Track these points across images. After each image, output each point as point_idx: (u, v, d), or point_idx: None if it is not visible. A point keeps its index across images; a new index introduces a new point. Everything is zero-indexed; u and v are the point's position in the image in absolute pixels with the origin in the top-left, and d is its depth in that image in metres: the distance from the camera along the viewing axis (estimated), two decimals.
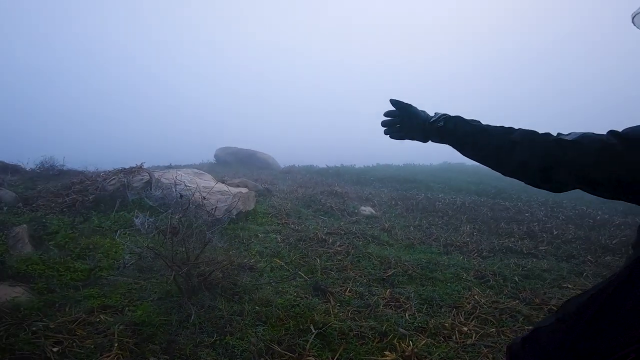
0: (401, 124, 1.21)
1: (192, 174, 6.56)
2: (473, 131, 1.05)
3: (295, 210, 6.16)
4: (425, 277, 3.60)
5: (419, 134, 1.19)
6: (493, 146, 1.00)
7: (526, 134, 0.95)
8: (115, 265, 3.49)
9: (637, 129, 0.75)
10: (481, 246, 4.93)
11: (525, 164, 0.92)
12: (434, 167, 16.16)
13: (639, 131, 0.75)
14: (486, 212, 7.03)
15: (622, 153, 0.75)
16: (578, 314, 0.79)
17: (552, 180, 0.89)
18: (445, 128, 1.11)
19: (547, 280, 3.77)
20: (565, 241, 5.52)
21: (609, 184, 0.78)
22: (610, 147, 0.77)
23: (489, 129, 1.03)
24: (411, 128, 1.20)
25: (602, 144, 0.78)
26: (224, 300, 2.79)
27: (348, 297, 3.03)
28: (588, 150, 0.80)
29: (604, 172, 0.78)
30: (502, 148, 0.98)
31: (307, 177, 10.93)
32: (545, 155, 0.88)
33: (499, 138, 0.99)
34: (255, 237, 4.54)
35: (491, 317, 2.78)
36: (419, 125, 1.18)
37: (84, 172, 7.48)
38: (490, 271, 3.83)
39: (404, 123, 1.20)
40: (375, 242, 4.79)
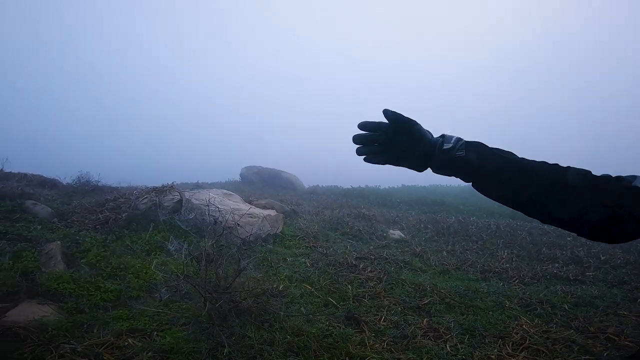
0: (388, 146, 0.91)
1: (222, 194, 6.62)
2: (506, 167, 0.84)
3: (322, 233, 6.04)
4: (464, 306, 3.37)
5: (418, 160, 0.92)
6: (540, 190, 0.81)
7: (584, 177, 0.79)
8: (145, 287, 3.48)
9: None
10: (522, 272, 4.61)
11: (585, 213, 0.77)
12: (462, 188, 15.66)
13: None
14: (524, 237, 6.64)
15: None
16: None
17: (614, 231, 0.76)
18: (464, 159, 0.85)
19: (599, 308, 3.44)
20: (614, 266, 5.09)
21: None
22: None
23: (530, 166, 0.83)
24: (405, 152, 0.91)
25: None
26: (253, 328, 2.69)
27: (383, 327, 2.85)
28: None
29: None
30: (553, 193, 0.79)
31: (332, 199, 10.83)
32: (616, 205, 0.74)
33: (548, 179, 0.80)
34: (284, 261, 4.45)
35: (543, 347, 2.52)
36: (420, 151, 0.90)
37: (118, 189, 7.72)
38: (536, 299, 3.55)
39: (396, 144, 0.91)
40: (408, 267, 4.58)
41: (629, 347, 2.59)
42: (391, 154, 0.92)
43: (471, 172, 0.87)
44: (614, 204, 0.74)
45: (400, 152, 0.92)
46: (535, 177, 0.82)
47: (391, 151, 0.92)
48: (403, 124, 0.89)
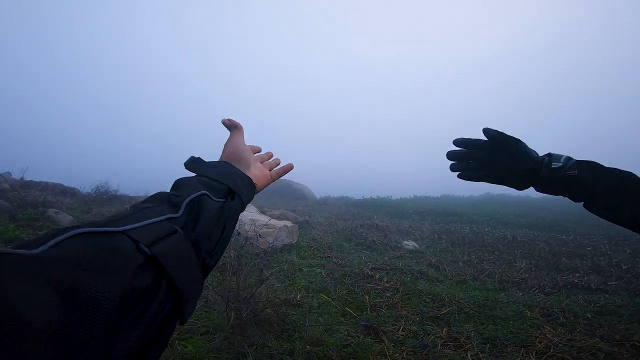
0: (487, 162, 0.90)
1: None
2: (623, 187, 0.79)
3: (336, 244, 6.05)
4: (484, 315, 3.32)
5: (521, 179, 0.89)
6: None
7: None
8: None
9: None
10: (542, 282, 4.52)
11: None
12: (475, 198, 15.51)
13: None
14: (543, 247, 6.52)
15: None
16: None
17: None
18: (577, 179, 0.82)
19: (624, 316, 3.36)
20: (636, 275, 4.96)
21: None
22: None
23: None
24: (508, 171, 0.89)
25: None
26: (273, 337, 2.71)
27: (402, 337, 2.83)
28: None
29: None
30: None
31: (344, 209, 10.82)
32: None
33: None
34: (300, 272, 4.47)
35: (568, 355, 2.47)
36: (525, 169, 0.87)
37: (136, 198, 7.87)
38: (558, 308, 3.48)
39: (497, 162, 0.89)
40: (424, 278, 4.54)
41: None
42: (489, 171, 0.91)
43: (583, 191, 0.84)
44: None
45: (500, 169, 0.90)
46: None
47: (489, 168, 0.91)
48: (506, 142, 0.87)
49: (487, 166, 0.91)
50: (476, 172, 0.92)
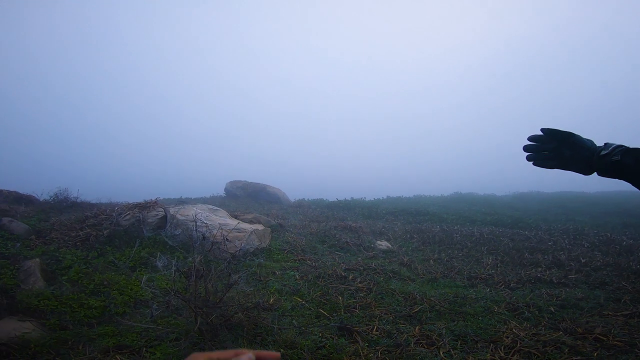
0: (555, 154, 1.08)
1: (207, 210, 6.53)
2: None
3: (310, 246, 6.02)
4: (454, 312, 3.41)
5: (582, 165, 1.06)
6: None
7: None
8: (131, 303, 3.38)
9: None
10: (508, 278, 4.71)
11: None
12: (445, 198, 15.99)
13: None
14: (507, 243, 6.80)
15: None
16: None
17: None
18: (621, 163, 0.94)
19: (585, 309, 3.54)
20: (594, 268, 5.26)
21: None
22: None
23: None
24: (570, 159, 1.06)
25: None
26: (245, 342, 2.64)
27: (376, 336, 2.85)
28: None
29: None
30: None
31: (318, 212, 10.82)
32: None
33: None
34: (273, 275, 4.40)
35: (534, 350, 2.57)
36: (582, 158, 1.04)
37: (98, 205, 7.51)
38: (523, 303, 3.63)
39: (561, 153, 1.07)
40: (397, 277, 4.60)
41: (617, 346, 2.67)
42: (558, 160, 1.08)
43: (630, 175, 0.95)
44: None
45: (567, 159, 1.07)
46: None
47: (557, 158, 1.08)
48: (562, 136, 1.05)
49: (555, 156, 1.08)
50: (549, 161, 1.09)
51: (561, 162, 1.08)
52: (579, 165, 1.07)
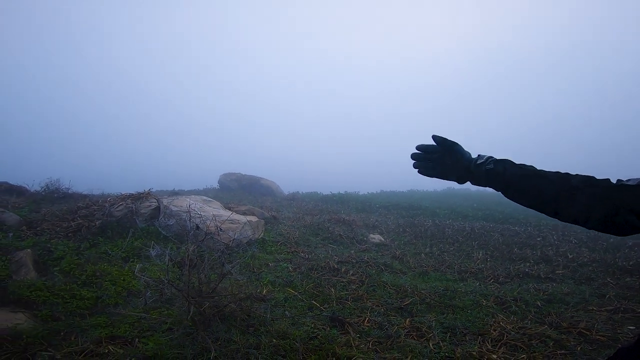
0: (438, 163, 1.14)
1: (201, 201, 6.52)
2: (526, 176, 1.02)
3: (303, 239, 6.06)
4: (444, 305, 3.48)
5: (458, 174, 1.14)
6: (552, 192, 0.98)
7: (586, 180, 0.95)
8: (123, 294, 3.39)
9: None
10: (497, 272, 4.79)
11: (589, 210, 0.92)
12: (438, 193, 16.12)
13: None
14: (497, 238, 6.91)
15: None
16: None
17: (617, 224, 0.90)
18: (494, 171, 1.06)
19: (570, 304, 3.63)
20: (581, 264, 5.38)
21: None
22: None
23: (543, 174, 1.01)
24: (450, 168, 1.13)
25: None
26: (238, 332, 2.67)
27: (367, 328, 2.90)
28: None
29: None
30: (561, 194, 0.96)
31: (312, 205, 10.86)
32: (609, 200, 0.89)
33: (557, 184, 0.98)
34: (266, 266, 4.44)
35: (520, 343, 2.65)
36: (461, 167, 1.12)
37: (90, 196, 7.45)
38: (510, 297, 3.71)
39: (444, 162, 1.13)
40: (388, 270, 4.66)
41: (600, 341, 2.75)
42: (439, 169, 1.15)
43: (500, 182, 1.06)
44: (607, 198, 0.90)
45: (447, 168, 1.14)
46: (548, 183, 0.99)
47: (440, 167, 1.14)
48: (447, 145, 1.12)
49: (437, 165, 1.15)
50: (431, 170, 1.16)
51: (443, 170, 1.15)
52: (457, 174, 1.14)
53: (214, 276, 3.18)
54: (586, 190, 0.93)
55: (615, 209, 0.88)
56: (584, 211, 0.93)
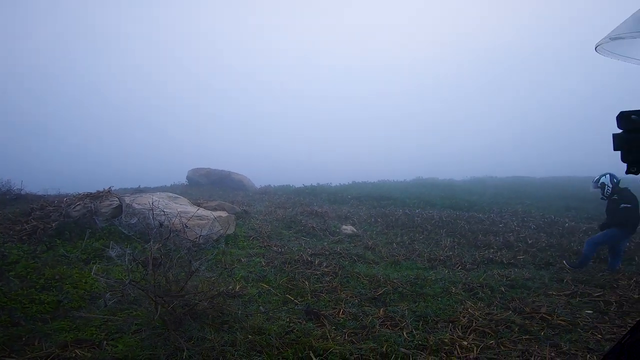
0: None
1: (167, 198, 6.28)
2: None
3: (276, 232, 6.01)
4: (416, 294, 3.57)
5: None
6: None
7: None
8: (86, 296, 3.21)
9: None
10: (464, 259, 4.99)
11: None
12: (408, 183, 16.52)
13: None
14: (463, 225, 7.19)
15: None
16: None
17: None
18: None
19: (532, 289, 3.85)
20: (540, 249, 5.71)
21: None
22: None
23: None
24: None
25: None
26: (212, 330, 2.61)
27: (342, 319, 2.93)
28: None
29: None
30: None
31: (285, 198, 10.79)
32: None
33: None
34: (238, 262, 4.36)
35: (488, 329, 2.77)
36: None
37: (44, 197, 7.00)
38: (477, 283, 3.87)
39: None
40: (361, 261, 4.73)
41: (561, 325, 2.92)
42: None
43: None
44: None
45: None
46: None
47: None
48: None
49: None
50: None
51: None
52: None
53: (182, 274, 3.08)
54: None
55: None
56: None
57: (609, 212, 4.73)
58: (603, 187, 4.76)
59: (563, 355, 2.37)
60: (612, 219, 4.64)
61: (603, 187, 4.76)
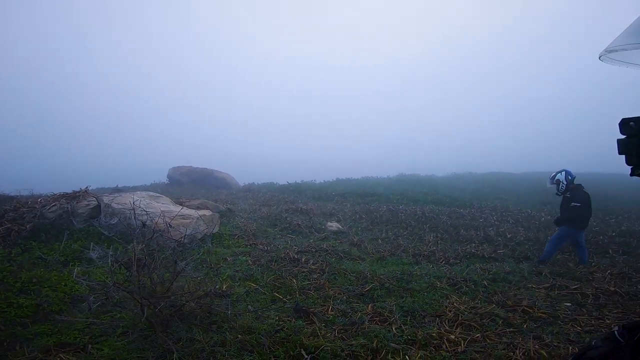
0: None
1: (148, 197, 6.13)
2: None
3: (261, 230, 5.97)
4: (402, 289, 3.63)
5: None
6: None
7: None
8: (67, 299, 3.11)
9: None
10: (447, 254, 5.10)
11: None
12: (391, 179, 16.70)
13: None
14: (445, 221, 7.34)
15: None
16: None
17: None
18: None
19: (512, 282, 3.97)
20: (518, 243, 5.91)
21: None
22: None
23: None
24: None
25: None
26: (200, 331, 2.57)
27: (332, 316, 2.94)
28: None
29: None
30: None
31: (269, 195, 10.72)
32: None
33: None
34: (224, 261, 4.31)
35: (474, 322, 2.84)
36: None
37: (17, 198, 6.69)
38: (461, 277, 3.96)
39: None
40: (347, 257, 4.76)
41: (542, 318, 3.02)
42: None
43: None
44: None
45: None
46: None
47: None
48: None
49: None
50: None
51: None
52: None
53: (168, 275, 3.02)
54: None
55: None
56: None
57: (562, 209, 4.97)
58: (558, 184, 4.99)
59: (546, 348, 2.45)
60: (563, 216, 4.86)
61: (558, 183, 4.99)
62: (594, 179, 16.99)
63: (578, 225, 4.77)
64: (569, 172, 4.97)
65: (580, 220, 4.75)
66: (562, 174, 4.97)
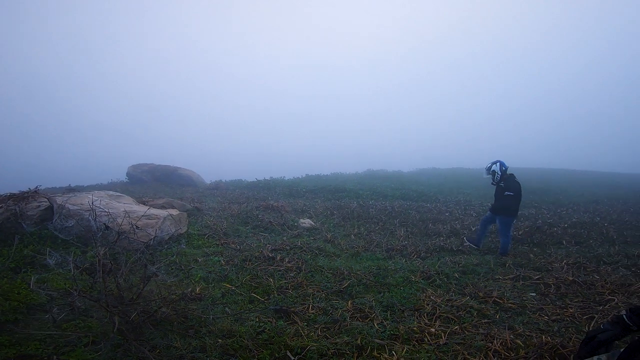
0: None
1: (107, 197, 5.74)
2: None
3: (233, 229, 5.81)
4: (379, 284, 3.66)
5: None
6: None
7: None
8: (22, 308, 2.83)
9: None
10: (418, 248, 5.24)
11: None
12: (360, 175, 16.93)
13: None
14: (414, 215, 7.54)
15: None
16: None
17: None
18: None
19: (481, 274, 4.14)
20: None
21: None
22: None
23: None
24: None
25: None
26: (177, 337, 2.44)
27: (313, 315, 2.91)
28: None
29: None
30: None
31: (238, 192, 10.47)
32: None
33: None
34: (195, 262, 4.13)
35: (451, 315, 2.93)
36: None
37: None
38: (433, 271, 4.07)
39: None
40: (323, 254, 4.74)
41: (512, 308, 3.17)
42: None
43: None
44: None
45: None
46: None
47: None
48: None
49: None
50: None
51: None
52: None
53: (136, 280, 2.84)
54: None
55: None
56: None
57: (496, 197, 5.28)
58: (494, 175, 5.32)
59: (520, 337, 2.57)
60: (497, 204, 5.17)
61: (494, 174, 5.32)
62: (543, 174, 18.24)
63: (511, 212, 5.07)
64: (502, 163, 5.29)
65: (513, 208, 5.06)
66: (497, 165, 5.29)
